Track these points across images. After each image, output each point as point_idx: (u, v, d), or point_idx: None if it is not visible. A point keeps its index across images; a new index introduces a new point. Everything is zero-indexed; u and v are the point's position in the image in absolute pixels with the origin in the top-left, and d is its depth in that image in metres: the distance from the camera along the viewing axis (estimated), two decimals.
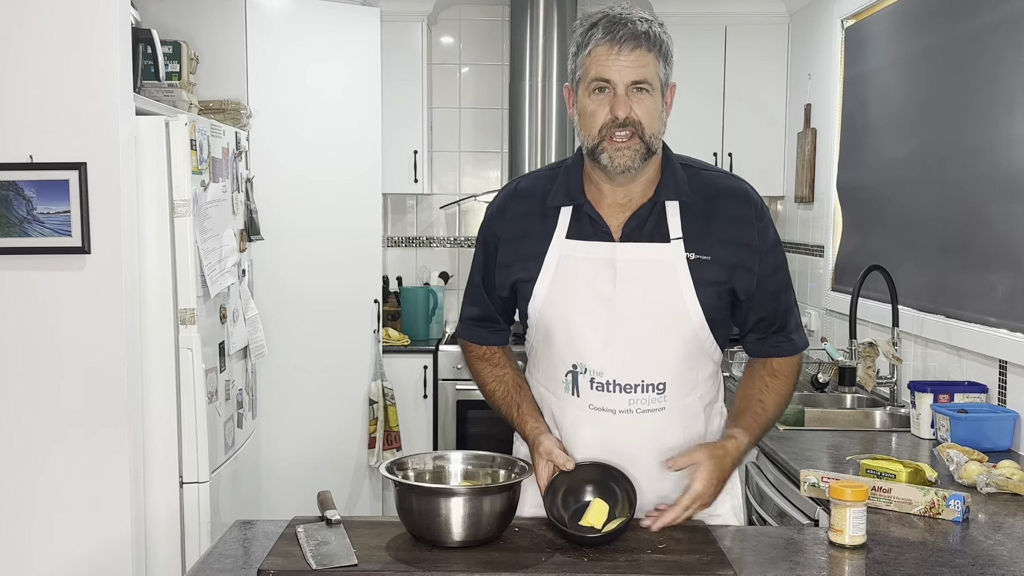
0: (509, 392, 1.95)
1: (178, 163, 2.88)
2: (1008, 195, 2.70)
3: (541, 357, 1.91)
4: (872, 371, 3.24)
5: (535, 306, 1.85)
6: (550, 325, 1.85)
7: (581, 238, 1.82)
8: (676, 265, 1.79)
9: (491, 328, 1.99)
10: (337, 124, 4.22)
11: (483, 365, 2.01)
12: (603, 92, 1.73)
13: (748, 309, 1.86)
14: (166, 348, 2.89)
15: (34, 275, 2.70)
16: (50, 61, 2.66)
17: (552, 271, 1.83)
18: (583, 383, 1.84)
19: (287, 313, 4.10)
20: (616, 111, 1.72)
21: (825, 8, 4.14)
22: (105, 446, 2.73)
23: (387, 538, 1.76)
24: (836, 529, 1.80)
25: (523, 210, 1.88)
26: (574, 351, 1.83)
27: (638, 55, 1.71)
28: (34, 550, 2.75)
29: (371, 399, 4.32)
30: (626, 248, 1.80)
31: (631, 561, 1.66)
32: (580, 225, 1.83)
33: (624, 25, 1.71)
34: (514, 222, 1.89)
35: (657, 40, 1.74)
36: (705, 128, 4.66)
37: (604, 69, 1.72)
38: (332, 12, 4.21)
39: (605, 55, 1.72)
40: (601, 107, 1.73)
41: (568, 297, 1.82)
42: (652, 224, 1.81)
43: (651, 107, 1.74)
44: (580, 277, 1.81)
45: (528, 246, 1.86)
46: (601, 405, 1.84)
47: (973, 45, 2.93)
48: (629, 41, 1.71)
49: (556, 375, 1.87)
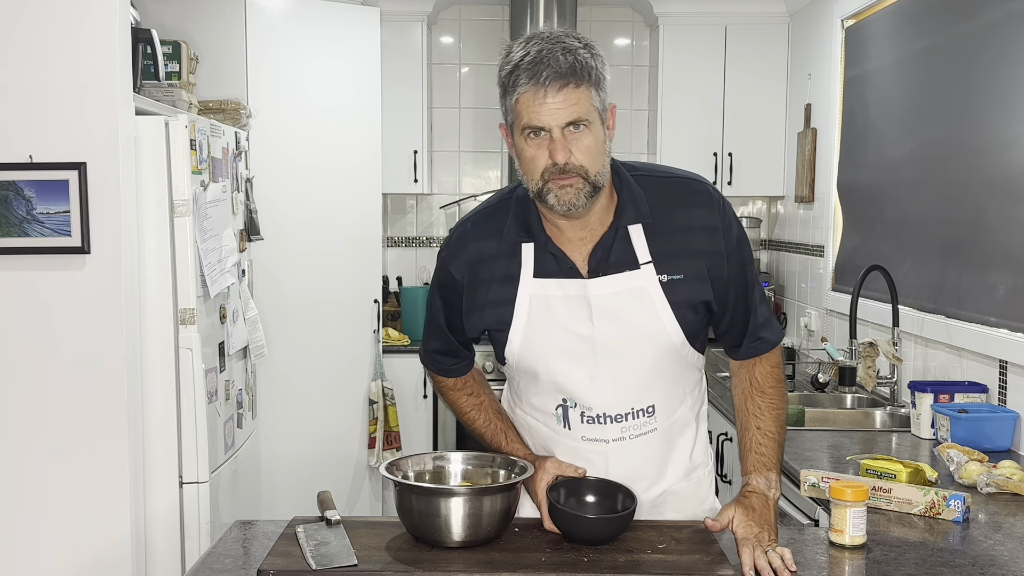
0: (491, 419, 1.94)
1: (178, 163, 2.88)
2: (1008, 195, 2.70)
3: (527, 393, 1.89)
4: (872, 371, 3.24)
5: (512, 351, 1.82)
6: (531, 368, 1.82)
7: (549, 276, 1.76)
8: (650, 290, 1.75)
9: (456, 360, 1.96)
10: (337, 124, 4.22)
11: (456, 395, 1.98)
12: (539, 136, 1.63)
13: (721, 313, 1.83)
14: (166, 348, 2.89)
15: (34, 275, 2.70)
16: (50, 61, 2.66)
17: (525, 315, 1.78)
18: (573, 417, 1.83)
19: (287, 313, 4.10)
20: (555, 156, 1.62)
21: (825, 8, 4.14)
22: (105, 446, 2.73)
23: (387, 538, 1.76)
24: (836, 529, 1.80)
25: (481, 252, 1.80)
26: (560, 388, 1.82)
27: (567, 93, 1.60)
28: (34, 550, 2.75)
29: (371, 399, 4.32)
30: (597, 283, 1.75)
31: (631, 561, 1.66)
32: (544, 263, 1.77)
33: (546, 64, 1.59)
34: (474, 267, 1.81)
35: (584, 70, 1.61)
36: (705, 128, 4.66)
37: (534, 116, 1.61)
38: (332, 12, 4.21)
39: (532, 100, 1.61)
40: (539, 152, 1.64)
41: (546, 340, 1.78)
42: (618, 252, 1.75)
43: (591, 145, 1.64)
44: (555, 318, 1.77)
45: (495, 291, 1.79)
46: (594, 436, 1.83)
47: (973, 45, 2.93)
48: (555, 81, 1.59)
49: (546, 408, 1.86)
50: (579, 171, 1.64)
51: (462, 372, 1.98)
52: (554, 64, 1.59)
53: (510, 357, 1.83)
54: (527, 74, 1.60)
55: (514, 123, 1.67)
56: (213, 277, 3.06)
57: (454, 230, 1.88)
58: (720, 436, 3.25)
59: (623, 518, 1.75)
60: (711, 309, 1.81)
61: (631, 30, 5.04)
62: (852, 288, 3.32)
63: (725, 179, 4.65)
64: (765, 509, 1.75)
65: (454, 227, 1.89)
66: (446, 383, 1.99)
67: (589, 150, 1.64)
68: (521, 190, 1.79)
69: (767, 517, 1.74)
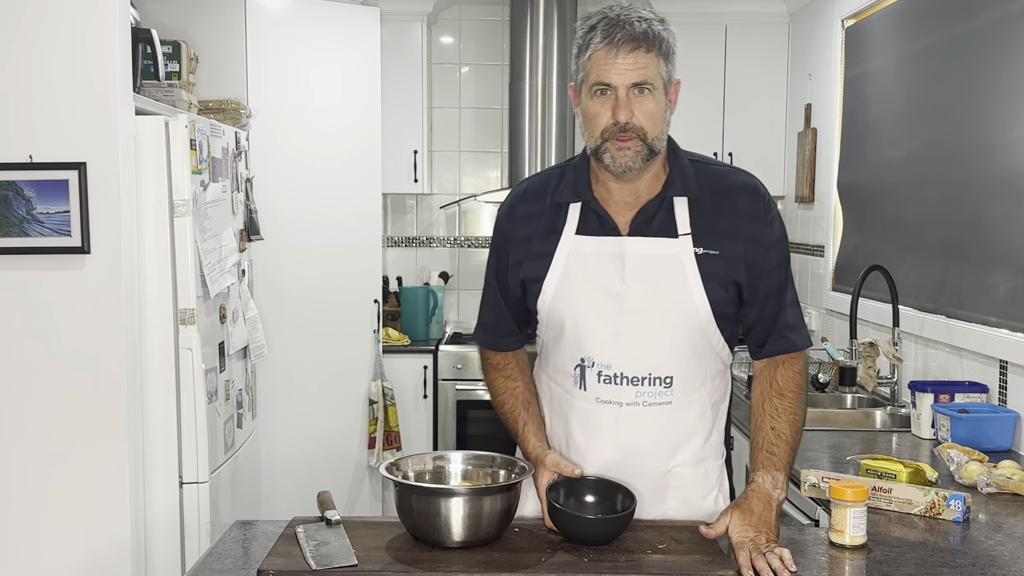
0: (517, 407, 1.96)
1: (178, 163, 2.88)
2: (1009, 195, 2.69)
3: (551, 353, 1.92)
4: (872, 371, 3.24)
5: (544, 301, 1.86)
6: (559, 320, 1.86)
7: (589, 234, 1.83)
8: (684, 259, 1.80)
9: (504, 333, 1.99)
10: (337, 124, 4.22)
11: (496, 375, 2.01)
12: (605, 95, 1.73)
13: (750, 305, 1.86)
14: (166, 348, 2.89)
15: (34, 275, 2.70)
16: (50, 61, 2.66)
17: (561, 267, 1.84)
18: (590, 376, 1.85)
19: (287, 313, 4.10)
20: (617, 115, 1.71)
21: (825, 8, 4.13)
22: (105, 446, 2.73)
23: (387, 538, 1.76)
24: (836, 529, 1.80)
25: (532, 210, 1.89)
26: (582, 345, 1.84)
27: (636, 56, 1.70)
28: (34, 550, 2.75)
29: (371, 399, 4.32)
30: (634, 242, 1.81)
31: (631, 561, 1.66)
32: (588, 222, 1.84)
33: (622, 27, 1.70)
34: (523, 222, 1.89)
35: (656, 39, 1.72)
36: (705, 128, 4.66)
37: (604, 73, 1.71)
38: (332, 12, 4.21)
39: (604, 58, 1.71)
40: (603, 110, 1.73)
41: (576, 292, 1.83)
42: (660, 220, 1.81)
43: (653, 109, 1.74)
44: (588, 272, 1.82)
45: (537, 244, 1.86)
46: (608, 398, 1.84)
47: (973, 45, 2.93)
48: (627, 43, 1.69)
49: (566, 370, 1.88)
50: (638, 132, 1.72)
51: (508, 347, 1.99)
52: (628, 27, 1.70)
53: (541, 308, 1.87)
54: (602, 33, 1.70)
55: (583, 80, 1.75)
56: (213, 277, 3.06)
57: (512, 190, 1.98)
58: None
59: (623, 518, 1.75)
60: (741, 295, 1.84)
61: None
62: (852, 288, 3.32)
63: None
64: (766, 510, 1.75)
65: (514, 186, 2.00)
66: (491, 359, 2.01)
67: (650, 114, 1.73)
68: (579, 157, 1.87)
69: (767, 519, 1.74)
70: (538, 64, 4.60)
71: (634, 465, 1.86)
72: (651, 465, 1.87)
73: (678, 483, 1.90)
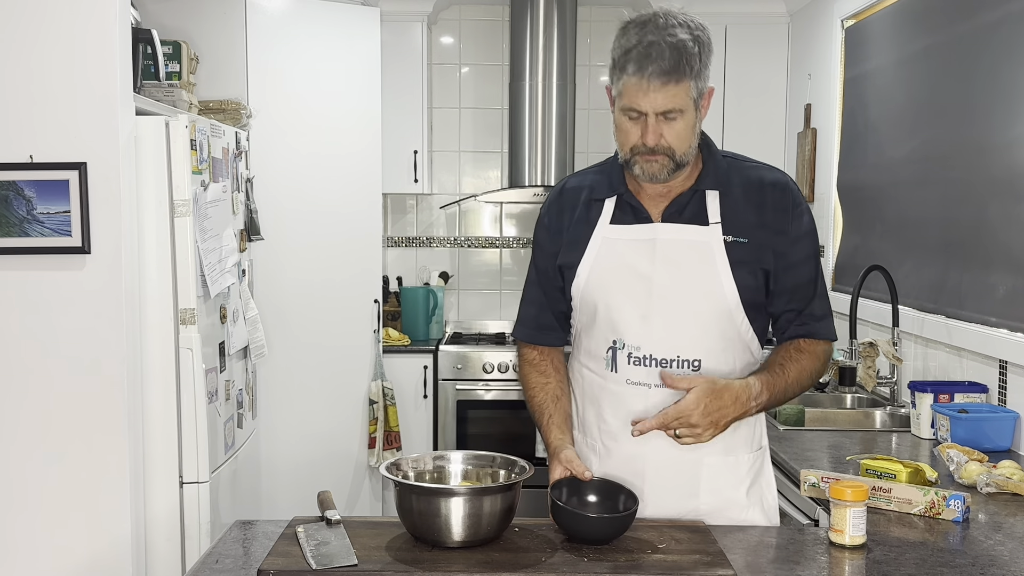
0: (546, 401, 2.01)
1: (178, 163, 2.88)
2: (1009, 195, 2.70)
3: (585, 338, 1.98)
4: (872, 371, 3.24)
5: (578, 285, 1.94)
6: (592, 303, 1.93)
7: (623, 223, 1.92)
8: (713, 246, 1.86)
9: (543, 328, 2.05)
10: (337, 124, 4.22)
11: (530, 370, 2.06)
12: (636, 118, 1.80)
13: (780, 295, 1.91)
14: (166, 348, 2.89)
15: (34, 275, 2.70)
16: (50, 61, 2.66)
17: (595, 252, 1.92)
18: (621, 358, 1.90)
19: (287, 313, 4.10)
20: (646, 139, 1.80)
21: (825, 8, 4.14)
22: (105, 446, 2.73)
23: (387, 538, 1.76)
24: (836, 529, 1.80)
25: (569, 203, 1.99)
26: (613, 327, 1.90)
27: (667, 89, 1.76)
28: (34, 550, 2.75)
29: (371, 399, 4.32)
30: (665, 228, 1.89)
31: (631, 561, 1.67)
32: (622, 212, 1.93)
33: (654, 60, 1.74)
34: (561, 215, 1.99)
35: (688, 65, 1.76)
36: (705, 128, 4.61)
37: (635, 102, 1.78)
38: (332, 12, 4.21)
39: (635, 88, 1.77)
40: (634, 129, 1.81)
41: (608, 275, 1.91)
42: (692, 210, 1.89)
43: (681, 130, 1.81)
44: (620, 256, 1.90)
45: (574, 233, 1.96)
46: (638, 379, 1.89)
47: (974, 45, 2.93)
48: (658, 77, 1.75)
49: (598, 353, 1.94)
50: (666, 151, 1.81)
51: (548, 342, 2.06)
52: (659, 60, 1.75)
53: (575, 292, 1.95)
54: (635, 64, 1.76)
55: (618, 96, 1.83)
56: (213, 277, 3.06)
57: (553, 188, 2.10)
58: None
59: (624, 518, 1.75)
60: (768, 284, 1.89)
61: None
62: (852, 288, 3.32)
63: None
64: (732, 405, 1.79)
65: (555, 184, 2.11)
66: (528, 355, 2.07)
67: (679, 134, 1.82)
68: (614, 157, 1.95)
69: (725, 412, 1.78)
70: (538, 64, 4.61)
71: (665, 449, 1.88)
72: (681, 451, 1.88)
73: (709, 473, 1.92)
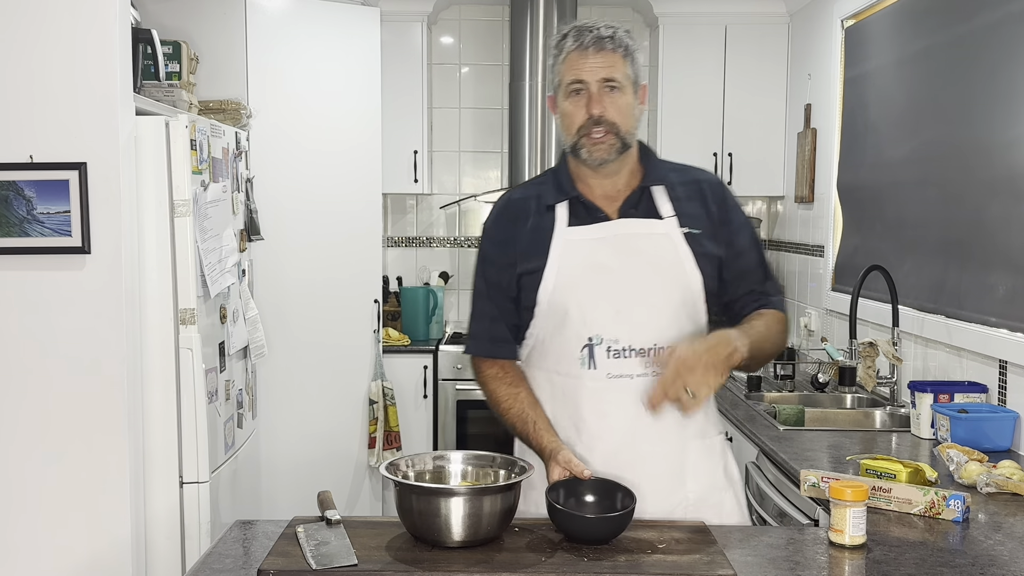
0: (524, 410, 1.97)
1: (178, 163, 2.88)
2: (1009, 195, 2.70)
3: (552, 343, 1.97)
4: (872, 371, 3.24)
5: (546, 289, 1.93)
6: (563, 306, 1.93)
7: (580, 224, 1.95)
8: (674, 237, 1.94)
9: (500, 340, 2.02)
10: (337, 124, 4.22)
11: (497, 384, 2.02)
12: (579, 94, 1.89)
13: (734, 282, 2.00)
14: (166, 348, 2.89)
15: (34, 275, 2.70)
16: (50, 61, 2.66)
17: (559, 255, 1.93)
18: (599, 354, 1.92)
19: (287, 313, 4.11)
20: (591, 109, 1.87)
21: (825, 8, 4.14)
22: (105, 446, 2.73)
23: (387, 538, 1.76)
24: (836, 529, 1.81)
25: (520, 213, 1.99)
26: (588, 325, 1.92)
27: (604, 56, 1.88)
28: (34, 550, 2.75)
29: (371, 399, 4.32)
30: (624, 223, 1.95)
31: (631, 561, 1.67)
32: (577, 214, 1.96)
33: (590, 31, 1.89)
34: (512, 225, 1.99)
35: (621, 43, 1.90)
36: (705, 128, 4.66)
37: (576, 71, 1.88)
38: (332, 12, 4.22)
39: (576, 59, 1.89)
40: (578, 108, 1.89)
41: (577, 276, 1.92)
42: (644, 207, 1.97)
43: (623, 105, 1.90)
44: (585, 255, 1.93)
45: (531, 241, 1.96)
46: (619, 372, 1.92)
47: (973, 45, 2.93)
48: (595, 43, 1.88)
49: (571, 354, 1.94)
50: (611, 127, 1.88)
51: (506, 355, 2.03)
52: (596, 32, 1.89)
53: (542, 298, 1.94)
54: (574, 38, 1.90)
55: (559, 85, 1.92)
56: (213, 277, 3.06)
57: (496, 204, 2.07)
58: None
59: (622, 517, 1.75)
60: (721, 272, 1.98)
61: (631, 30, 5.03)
62: (852, 288, 3.32)
63: (725, 179, 4.64)
64: (719, 345, 1.79)
65: (496, 200, 2.08)
66: (489, 371, 2.03)
67: (621, 109, 1.89)
68: (558, 164, 2.02)
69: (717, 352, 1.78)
70: (538, 64, 4.60)
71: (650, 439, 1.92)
72: (665, 439, 1.93)
73: (694, 458, 1.97)
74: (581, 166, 1.94)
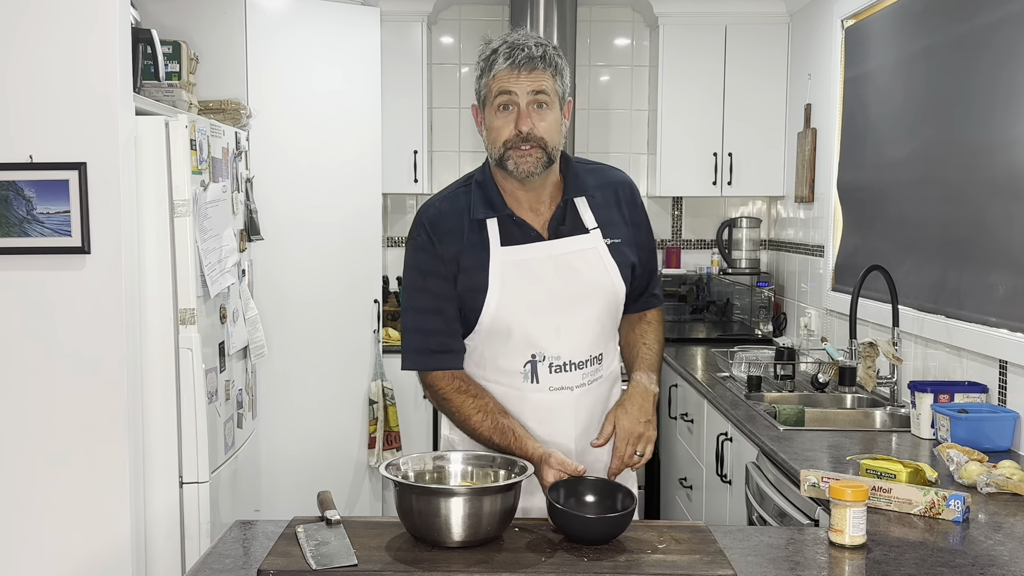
0: (497, 418, 1.97)
1: (178, 163, 2.88)
2: (1009, 195, 2.70)
3: (494, 356, 2.02)
4: (872, 371, 3.24)
5: (488, 310, 1.97)
6: (506, 325, 1.98)
7: (515, 243, 1.99)
8: (600, 250, 2.04)
9: (448, 350, 2.03)
10: (337, 124, 4.22)
11: (463, 398, 2.01)
12: (507, 109, 1.93)
13: (639, 277, 2.14)
14: (166, 348, 2.89)
15: (34, 275, 2.70)
16: (50, 61, 2.66)
17: (499, 277, 1.97)
18: (542, 369, 2.01)
19: (287, 313, 4.10)
20: (520, 125, 1.91)
21: (825, 8, 4.14)
22: (105, 446, 2.73)
23: (387, 538, 1.76)
24: (836, 529, 1.81)
25: (451, 228, 2.01)
26: (531, 343, 2.00)
27: (536, 75, 1.92)
28: (34, 550, 2.75)
29: (371, 399, 4.32)
30: (558, 244, 2.01)
31: (631, 561, 1.67)
32: (510, 233, 2.00)
33: (521, 49, 1.91)
34: (448, 239, 2.00)
35: (551, 60, 1.94)
36: (705, 128, 4.66)
37: (506, 86, 1.92)
38: (332, 12, 4.22)
39: (507, 75, 1.92)
40: (506, 124, 1.93)
41: (519, 298, 1.98)
42: (570, 221, 2.04)
43: (551, 121, 1.95)
44: (524, 276, 1.98)
45: (469, 259, 1.98)
46: (560, 385, 2.02)
47: (974, 45, 2.93)
48: (527, 63, 1.91)
49: (513, 369, 2.01)
50: (539, 142, 1.93)
51: (454, 365, 2.03)
52: (527, 50, 1.92)
53: (485, 319, 1.98)
54: (504, 55, 1.92)
55: (486, 98, 1.96)
56: (213, 277, 3.07)
57: (423, 212, 2.07)
58: (720, 436, 3.25)
59: (622, 518, 1.75)
60: (635, 271, 2.11)
61: (631, 30, 5.04)
62: (852, 288, 3.32)
63: (725, 179, 4.65)
64: (645, 402, 2.03)
65: (421, 210, 2.08)
66: (449, 386, 2.02)
67: (549, 125, 1.94)
68: (479, 174, 2.05)
69: (646, 410, 2.02)
70: None
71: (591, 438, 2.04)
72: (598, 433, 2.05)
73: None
74: (508, 178, 1.98)
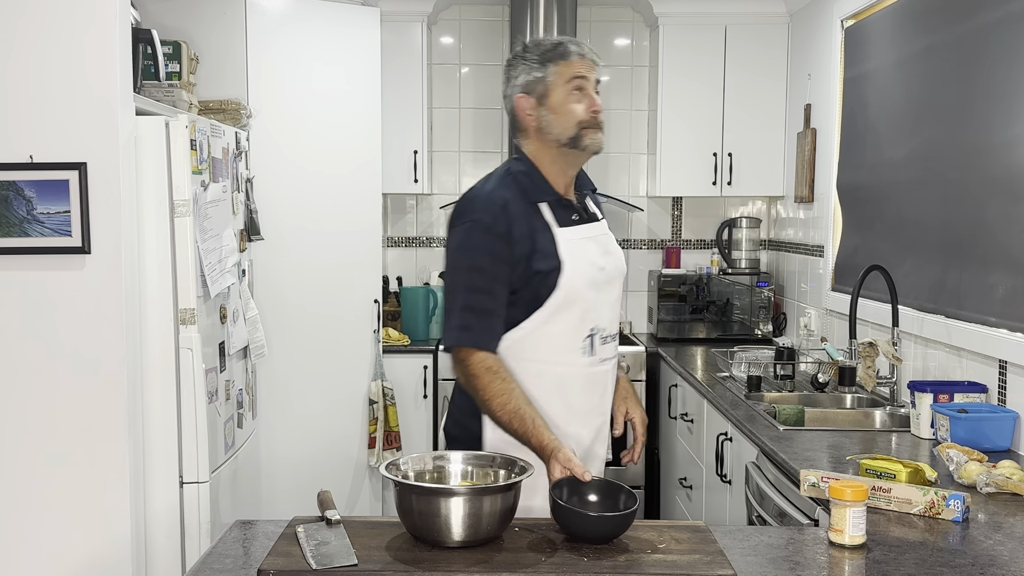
0: (521, 405, 2.01)
1: (178, 163, 2.88)
2: (1009, 195, 2.70)
3: (557, 334, 2.13)
4: (872, 371, 3.24)
5: (563, 287, 2.10)
6: (575, 300, 2.13)
7: (570, 224, 2.18)
8: (612, 235, 2.31)
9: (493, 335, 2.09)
10: (337, 124, 4.22)
11: (492, 378, 2.03)
12: (581, 92, 2.14)
13: None
14: (166, 348, 2.90)
15: (34, 275, 2.70)
16: (50, 61, 2.66)
17: (568, 256, 2.12)
18: (597, 342, 2.19)
19: (287, 313, 4.11)
20: (595, 106, 2.15)
21: (825, 8, 4.14)
22: (105, 446, 2.73)
23: (387, 538, 1.76)
24: (836, 529, 1.81)
25: (518, 212, 2.12)
26: (591, 318, 2.16)
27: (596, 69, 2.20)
28: (34, 550, 2.75)
29: (371, 399, 4.32)
30: (597, 226, 2.26)
31: (631, 561, 1.67)
32: (561, 216, 2.17)
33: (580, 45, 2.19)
34: (518, 222, 2.10)
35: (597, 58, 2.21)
36: (705, 128, 4.66)
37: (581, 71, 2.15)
38: (332, 12, 4.22)
39: (579, 64, 2.16)
40: (579, 105, 2.14)
41: (584, 274, 2.14)
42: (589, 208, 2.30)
43: None
44: (584, 255, 2.16)
45: (539, 241, 2.11)
46: (606, 356, 2.22)
47: (973, 45, 2.93)
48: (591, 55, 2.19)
49: (571, 345, 2.15)
50: (602, 124, 2.18)
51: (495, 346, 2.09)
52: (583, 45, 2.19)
53: (558, 295, 2.10)
54: (574, 46, 2.16)
55: (553, 85, 2.14)
56: (213, 277, 3.07)
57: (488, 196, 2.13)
58: (720, 436, 3.25)
59: (625, 517, 1.76)
60: None
61: (631, 30, 5.04)
62: (852, 288, 3.32)
63: (725, 179, 4.65)
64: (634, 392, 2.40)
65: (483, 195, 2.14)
66: (484, 362, 2.04)
67: None
68: (518, 165, 2.21)
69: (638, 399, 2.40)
70: None
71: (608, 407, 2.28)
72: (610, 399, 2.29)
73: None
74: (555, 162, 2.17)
